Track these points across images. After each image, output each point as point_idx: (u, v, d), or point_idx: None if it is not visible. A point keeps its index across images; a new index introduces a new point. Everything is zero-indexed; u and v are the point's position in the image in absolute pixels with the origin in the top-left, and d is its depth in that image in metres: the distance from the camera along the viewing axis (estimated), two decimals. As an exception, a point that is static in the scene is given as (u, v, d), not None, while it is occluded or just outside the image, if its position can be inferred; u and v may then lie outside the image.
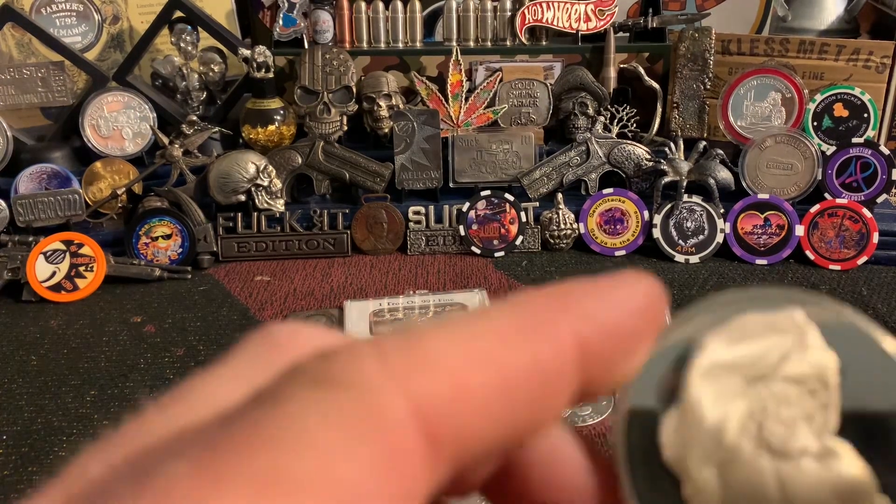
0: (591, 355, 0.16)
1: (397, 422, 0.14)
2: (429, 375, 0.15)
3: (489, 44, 1.33)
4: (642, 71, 1.28)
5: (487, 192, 1.20)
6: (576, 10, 1.30)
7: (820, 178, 1.18)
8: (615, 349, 0.17)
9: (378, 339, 0.15)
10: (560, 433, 0.18)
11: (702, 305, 0.18)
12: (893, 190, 1.22)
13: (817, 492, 0.16)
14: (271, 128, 1.26)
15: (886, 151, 1.18)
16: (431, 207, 1.21)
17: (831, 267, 1.15)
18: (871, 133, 1.21)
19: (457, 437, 0.15)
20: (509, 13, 1.31)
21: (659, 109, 1.28)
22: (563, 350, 0.16)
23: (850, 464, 0.16)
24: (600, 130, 1.24)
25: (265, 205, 1.18)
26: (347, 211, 1.21)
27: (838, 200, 1.16)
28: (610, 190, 1.20)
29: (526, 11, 1.30)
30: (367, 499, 0.13)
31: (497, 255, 1.19)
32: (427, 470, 0.14)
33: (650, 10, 1.31)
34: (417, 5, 1.33)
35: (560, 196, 1.19)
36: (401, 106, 1.27)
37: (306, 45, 1.31)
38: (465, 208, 1.19)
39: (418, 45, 1.34)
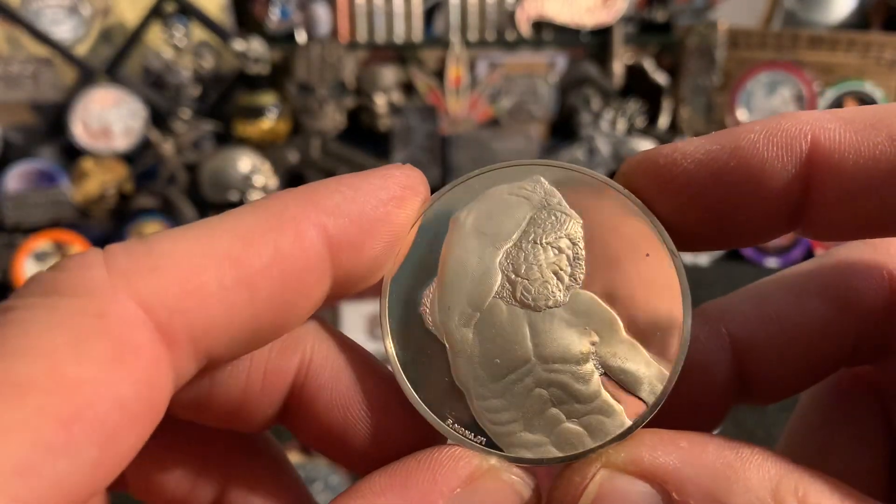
0: (342, 247, 0.17)
1: (124, 321, 0.15)
2: (158, 274, 0.15)
3: (490, 38, 1.30)
4: (649, 65, 1.25)
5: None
6: (581, 2, 1.26)
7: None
8: (367, 239, 0.18)
9: (110, 246, 0.16)
10: (339, 358, 0.20)
11: (456, 181, 0.20)
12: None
13: (565, 334, 0.19)
14: (264, 123, 1.23)
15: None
16: (431, 206, 1.17)
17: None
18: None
19: (194, 330, 0.16)
20: (511, 6, 1.28)
21: (666, 104, 1.25)
22: (307, 244, 0.17)
23: (595, 307, 0.19)
24: (606, 126, 1.21)
25: (259, 203, 1.15)
26: (344, 210, 1.18)
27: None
28: (615, 188, 1.17)
29: (528, 4, 1.27)
30: (98, 395, 0.14)
31: (499, 255, 1.16)
32: (164, 363, 0.15)
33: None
34: (417, -2, 1.30)
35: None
36: (399, 102, 1.24)
37: (303, 39, 1.28)
38: (465, 207, 1.16)
39: (417, 39, 1.31)
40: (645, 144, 1.19)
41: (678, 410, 0.19)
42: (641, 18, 1.29)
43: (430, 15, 1.34)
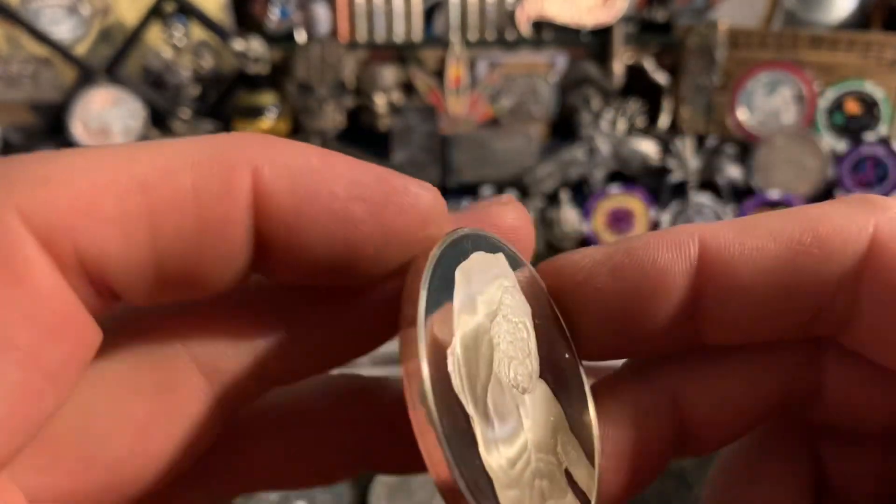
0: (273, 210, 0.15)
1: (5, 234, 0.13)
2: (49, 189, 0.14)
3: (490, 38, 1.30)
4: (649, 65, 1.25)
5: (489, 191, 1.17)
6: (581, 2, 1.26)
7: (831, 176, 1.15)
8: (309, 219, 0.15)
9: (7, 157, 0.15)
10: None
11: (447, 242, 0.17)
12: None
13: (540, 421, 0.18)
14: (264, 122, 1.23)
15: (901, 148, 1.15)
16: (431, 206, 1.17)
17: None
18: (884, 130, 1.18)
19: (84, 253, 0.14)
20: (511, 5, 1.28)
21: (666, 104, 1.25)
22: (232, 187, 0.15)
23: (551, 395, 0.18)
24: (606, 126, 1.21)
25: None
26: (344, 210, 1.17)
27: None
28: (616, 187, 1.16)
29: (528, 4, 1.27)
30: (3, 314, 0.13)
31: (499, 255, 1.16)
32: (52, 278, 0.14)
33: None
34: (416, -2, 1.29)
35: (564, 194, 1.16)
36: (399, 102, 1.24)
37: (303, 39, 1.28)
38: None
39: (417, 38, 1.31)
40: (645, 144, 1.19)
41: (621, 470, 0.19)
42: (641, 18, 1.29)
43: (430, 15, 1.34)
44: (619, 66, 1.26)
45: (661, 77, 1.25)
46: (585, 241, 1.18)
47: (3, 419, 0.13)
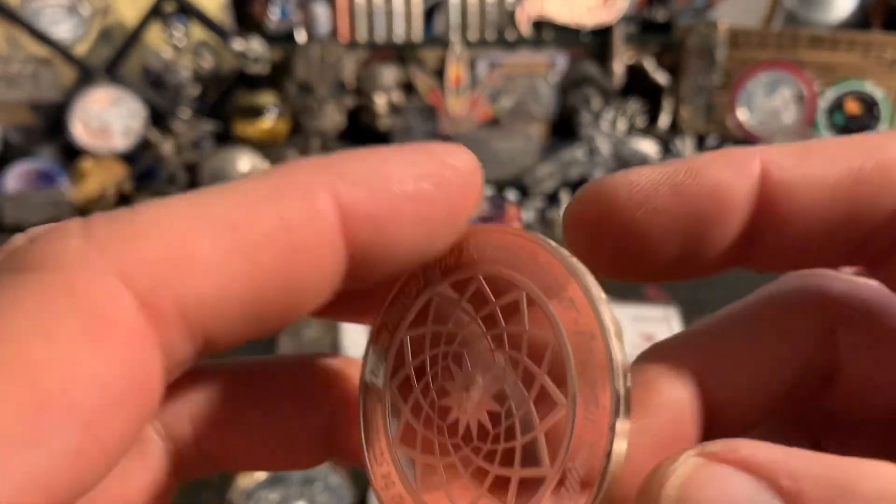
0: (358, 220, 0.15)
1: (102, 294, 0.13)
2: (141, 242, 0.14)
3: (490, 38, 1.30)
4: (649, 65, 1.25)
5: (489, 191, 1.17)
6: (581, 2, 1.26)
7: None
8: (390, 216, 0.16)
9: (90, 217, 0.14)
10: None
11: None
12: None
13: None
14: (264, 122, 1.23)
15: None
16: (431, 206, 1.17)
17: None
18: (884, 129, 1.18)
19: (184, 304, 0.14)
20: (511, 5, 1.28)
21: (666, 104, 1.25)
22: (317, 210, 0.15)
23: None
24: (606, 126, 1.21)
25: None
26: (344, 210, 1.17)
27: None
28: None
29: (528, 3, 1.27)
30: (69, 376, 0.12)
31: (499, 255, 1.16)
32: (148, 339, 0.14)
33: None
34: (417, -2, 1.29)
35: (564, 194, 1.16)
36: (399, 101, 1.24)
37: (302, 39, 1.28)
38: (465, 207, 1.16)
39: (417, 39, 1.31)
40: (645, 144, 1.19)
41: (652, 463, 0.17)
42: (642, 18, 1.29)
43: (430, 14, 1.34)
44: (619, 66, 1.26)
45: (661, 77, 1.25)
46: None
47: (50, 483, 0.12)
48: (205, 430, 0.18)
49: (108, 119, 1.23)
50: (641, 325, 0.90)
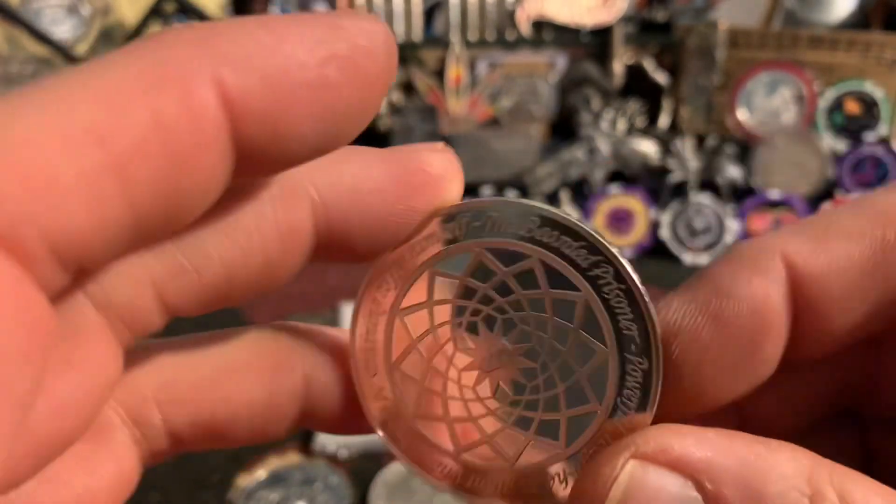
0: (247, 114, 0.13)
1: None
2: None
3: (490, 38, 1.30)
4: (649, 65, 1.25)
5: (489, 191, 1.17)
6: (581, 2, 1.26)
7: (831, 176, 1.14)
8: (285, 108, 0.13)
9: None
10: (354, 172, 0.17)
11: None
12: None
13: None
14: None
15: (901, 148, 1.14)
16: (431, 206, 1.17)
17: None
18: (884, 130, 1.18)
19: (53, 237, 0.12)
20: (511, 5, 1.28)
21: (666, 104, 1.25)
22: (196, 102, 0.12)
23: None
24: (606, 126, 1.21)
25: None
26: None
27: (850, 198, 1.13)
28: (616, 187, 1.16)
29: (528, 4, 1.27)
30: None
31: (499, 255, 1.16)
32: (23, 279, 0.12)
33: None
34: (417, -2, 1.29)
35: (565, 194, 1.16)
36: (399, 101, 1.23)
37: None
38: (465, 207, 1.16)
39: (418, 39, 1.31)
40: (645, 144, 1.19)
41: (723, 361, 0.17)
42: (641, 18, 1.29)
43: (430, 15, 1.34)
44: (619, 66, 1.26)
45: (661, 77, 1.25)
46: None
47: None
48: (171, 410, 0.18)
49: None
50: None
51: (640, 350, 0.17)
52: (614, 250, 0.17)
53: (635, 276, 0.16)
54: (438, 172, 0.18)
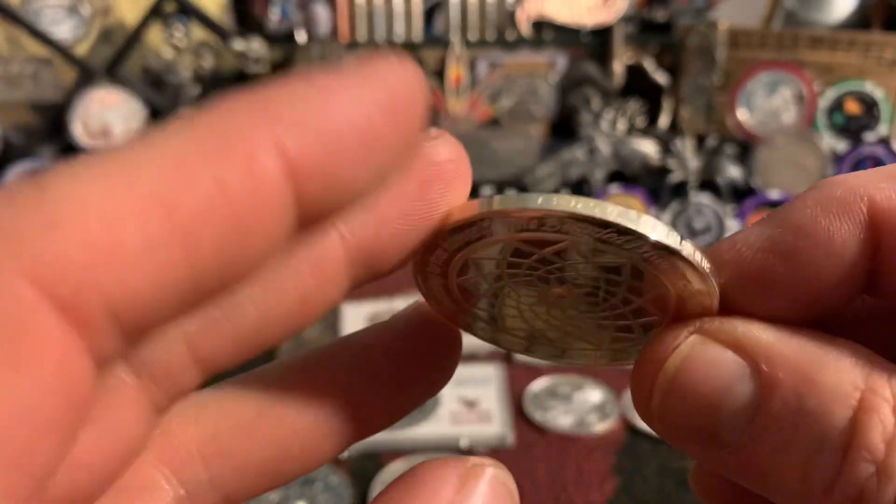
0: (307, 174, 0.13)
1: (13, 307, 0.11)
2: (58, 234, 0.11)
3: (490, 38, 1.30)
4: (649, 65, 1.25)
5: (489, 191, 1.17)
6: (581, 2, 1.26)
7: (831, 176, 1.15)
8: (340, 161, 0.13)
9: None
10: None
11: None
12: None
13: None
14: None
15: (901, 148, 1.15)
16: (431, 206, 1.17)
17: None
18: (884, 130, 1.18)
19: (114, 304, 0.12)
20: (511, 6, 1.28)
21: (666, 104, 1.25)
22: (260, 173, 0.13)
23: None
24: (606, 126, 1.21)
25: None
26: (344, 210, 1.17)
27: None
28: (616, 187, 1.16)
29: (528, 3, 1.27)
30: None
31: (499, 255, 1.16)
32: (76, 352, 0.12)
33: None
34: (417, -2, 1.29)
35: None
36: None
37: (303, 39, 1.28)
38: (465, 207, 1.15)
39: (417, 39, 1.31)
40: (645, 144, 1.19)
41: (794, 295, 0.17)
42: (641, 18, 1.29)
43: (430, 15, 1.34)
44: (619, 66, 1.26)
45: (661, 77, 1.25)
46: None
47: None
48: (217, 462, 0.17)
49: (108, 119, 1.23)
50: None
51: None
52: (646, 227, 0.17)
53: (679, 242, 0.17)
54: (446, 158, 0.18)
